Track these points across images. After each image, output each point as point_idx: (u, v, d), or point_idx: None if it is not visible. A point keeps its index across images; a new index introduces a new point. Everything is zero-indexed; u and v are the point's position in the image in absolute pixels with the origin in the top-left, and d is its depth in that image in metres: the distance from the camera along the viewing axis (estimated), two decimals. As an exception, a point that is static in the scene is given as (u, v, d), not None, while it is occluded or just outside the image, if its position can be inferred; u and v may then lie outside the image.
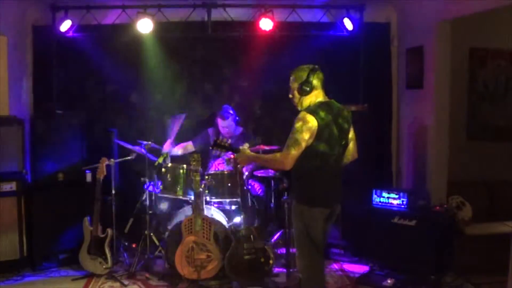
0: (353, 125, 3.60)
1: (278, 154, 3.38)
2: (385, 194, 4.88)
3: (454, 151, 5.46)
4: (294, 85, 3.48)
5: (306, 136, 3.29)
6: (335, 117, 3.42)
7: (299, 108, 3.49)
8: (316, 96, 3.48)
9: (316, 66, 3.50)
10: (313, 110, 3.37)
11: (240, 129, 5.30)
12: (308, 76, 3.43)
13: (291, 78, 3.51)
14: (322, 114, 3.35)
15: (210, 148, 3.95)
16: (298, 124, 3.31)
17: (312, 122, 3.30)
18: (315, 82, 3.45)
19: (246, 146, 5.05)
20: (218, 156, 5.19)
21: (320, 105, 3.43)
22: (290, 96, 3.54)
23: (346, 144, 3.54)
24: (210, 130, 5.35)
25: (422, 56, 5.42)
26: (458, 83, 5.58)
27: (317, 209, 3.43)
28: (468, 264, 4.64)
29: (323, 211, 3.44)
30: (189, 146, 5.35)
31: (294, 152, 3.29)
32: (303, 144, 3.30)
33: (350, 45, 5.82)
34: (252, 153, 3.68)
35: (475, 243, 4.72)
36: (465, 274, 4.63)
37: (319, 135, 3.32)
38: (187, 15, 5.59)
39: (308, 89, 3.43)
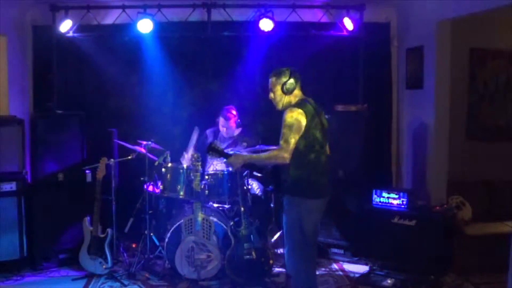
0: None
1: (275, 150, 3.56)
2: (385, 194, 4.89)
3: (454, 151, 5.46)
4: (277, 85, 3.66)
5: (298, 128, 3.49)
6: (318, 111, 3.63)
7: (280, 107, 3.69)
8: (297, 94, 3.68)
9: (293, 68, 3.71)
10: (299, 104, 3.58)
11: (239, 129, 5.29)
12: (290, 76, 3.63)
13: (272, 78, 3.70)
14: (308, 108, 3.56)
15: (206, 152, 3.97)
16: (289, 118, 3.50)
17: (302, 115, 3.51)
18: (296, 81, 3.65)
19: (244, 144, 5.08)
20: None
21: (303, 101, 3.63)
22: (271, 96, 3.72)
23: (328, 139, 3.71)
24: (208, 131, 5.34)
25: (422, 56, 5.42)
26: (458, 83, 5.58)
27: (313, 201, 3.59)
28: (468, 264, 4.64)
29: (317, 202, 3.61)
30: (195, 155, 5.26)
31: (292, 145, 3.47)
32: (297, 136, 3.49)
33: (350, 45, 5.82)
34: (247, 155, 3.81)
35: (475, 243, 4.72)
36: (465, 274, 4.63)
37: (308, 127, 3.52)
38: (187, 15, 5.58)
39: (291, 87, 3.63)
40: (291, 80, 3.62)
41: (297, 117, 3.49)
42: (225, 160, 3.90)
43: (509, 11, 4.47)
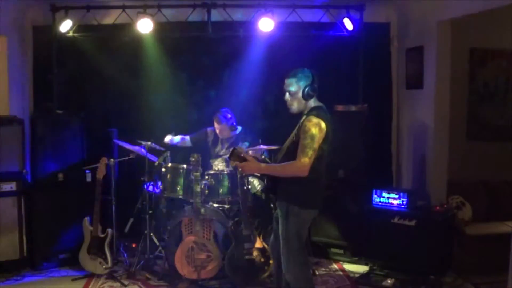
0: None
1: (296, 162, 3.33)
2: (385, 194, 4.89)
3: (454, 151, 5.46)
4: (296, 88, 3.45)
5: (320, 141, 3.34)
6: (331, 121, 3.47)
7: (296, 111, 3.51)
8: (315, 100, 3.51)
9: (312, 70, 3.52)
10: (322, 114, 3.40)
11: (240, 128, 5.29)
12: (313, 80, 3.44)
13: (293, 80, 3.46)
14: (328, 118, 3.41)
15: (228, 158, 3.77)
16: (314, 130, 3.32)
17: (325, 128, 3.36)
18: (316, 86, 3.46)
19: (246, 144, 5.09)
20: (218, 156, 5.21)
21: (322, 109, 3.47)
22: (288, 98, 3.50)
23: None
24: (209, 130, 5.34)
25: (422, 56, 5.42)
26: (458, 83, 5.58)
27: (311, 211, 3.51)
28: (468, 264, 4.65)
29: (313, 213, 3.53)
30: (187, 140, 5.35)
31: (313, 159, 3.31)
32: (317, 149, 3.34)
33: (350, 45, 5.81)
34: (263, 166, 3.51)
35: (475, 243, 4.73)
36: (465, 274, 4.64)
37: (325, 140, 3.38)
38: (187, 15, 5.59)
39: (313, 93, 3.45)
40: (315, 85, 3.42)
41: (321, 130, 3.33)
42: (237, 162, 3.54)
43: (509, 11, 4.47)
